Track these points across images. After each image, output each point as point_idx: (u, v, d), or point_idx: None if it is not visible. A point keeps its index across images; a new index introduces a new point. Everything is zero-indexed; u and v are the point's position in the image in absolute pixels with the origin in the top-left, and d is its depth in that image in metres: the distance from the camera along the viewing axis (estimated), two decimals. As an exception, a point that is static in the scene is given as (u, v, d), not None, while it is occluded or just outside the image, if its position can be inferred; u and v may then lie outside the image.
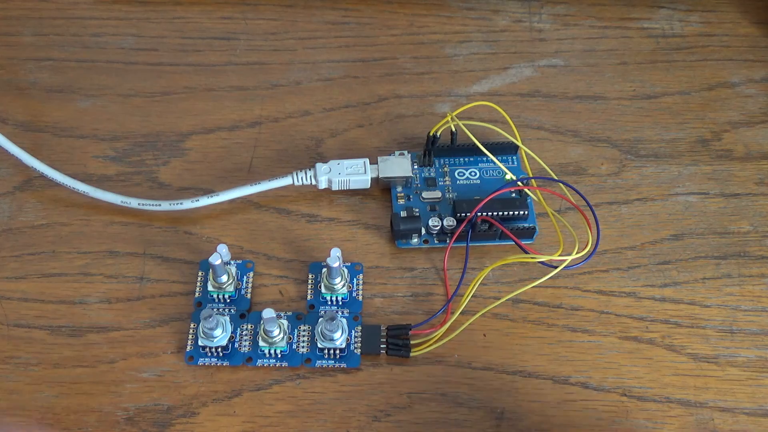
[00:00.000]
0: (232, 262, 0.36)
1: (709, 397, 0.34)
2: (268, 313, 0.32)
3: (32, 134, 0.41)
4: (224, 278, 0.35)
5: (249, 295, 0.36)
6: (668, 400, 0.34)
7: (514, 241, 0.36)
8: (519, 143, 0.38)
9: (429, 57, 0.45)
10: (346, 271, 0.36)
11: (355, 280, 0.36)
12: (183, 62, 0.44)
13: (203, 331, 0.33)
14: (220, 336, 0.34)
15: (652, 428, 0.33)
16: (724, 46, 0.46)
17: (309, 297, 0.36)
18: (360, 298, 0.36)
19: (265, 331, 0.33)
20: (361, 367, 0.34)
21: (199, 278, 0.36)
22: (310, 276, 0.36)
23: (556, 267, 0.35)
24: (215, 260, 0.34)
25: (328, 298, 0.35)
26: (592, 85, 0.44)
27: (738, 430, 0.33)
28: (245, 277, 0.36)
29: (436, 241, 0.38)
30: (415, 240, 0.38)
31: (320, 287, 0.35)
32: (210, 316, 0.33)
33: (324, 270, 0.35)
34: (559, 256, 0.35)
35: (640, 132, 0.42)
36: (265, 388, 0.34)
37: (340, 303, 0.35)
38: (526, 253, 0.36)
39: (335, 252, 0.34)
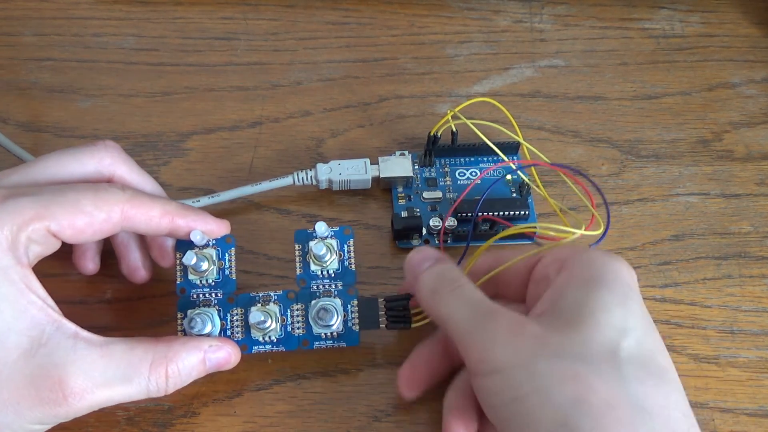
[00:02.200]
0: (211, 242, 0.33)
1: (709, 398, 0.34)
2: (255, 317, 0.31)
3: (33, 134, 0.41)
4: (204, 265, 0.33)
5: (234, 275, 0.33)
6: (669, 401, 0.34)
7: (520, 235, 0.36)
8: (521, 140, 0.38)
9: (429, 57, 0.45)
10: (334, 243, 0.33)
11: (345, 246, 0.33)
12: (183, 62, 0.44)
13: (190, 333, 0.32)
14: (210, 331, 0.32)
15: (653, 428, 0.33)
16: (724, 47, 0.46)
17: (298, 271, 0.33)
18: (353, 267, 0.33)
19: (256, 328, 0.32)
20: (361, 367, 0.34)
21: (178, 261, 0.34)
22: (296, 246, 0.33)
23: None
24: (190, 260, 0.32)
25: (319, 272, 0.33)
26: (593, 86, 0.44)
27: (738, 431, 0.33)
28: (227, 254, 0.33)
29: (436, 242, 0.38)
30: (415, 240, 0.38)
31: (308, 259, 0.33)
32: (192, 320, 0.31)
33: (311, 244, 0.33)
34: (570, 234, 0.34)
35: (640, 132, 0.42)
36: (266, 388, 0.34)
37: (332, 276, 0.33)
38: (533, 241, 0.36)
39: (321, 226, 0.32)
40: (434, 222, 0.37)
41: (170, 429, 0.32)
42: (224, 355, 0.31)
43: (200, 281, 0.33)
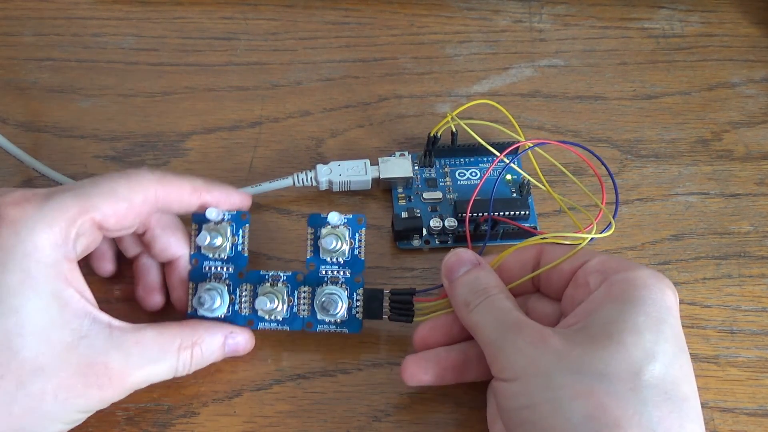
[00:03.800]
0: (226, 217, 0.34)
1: (709, 397, 0.34)
2: (261, 303, 0.32)
3: (33, 134, 0.41)
4: (218, 241, 0.33)
5: (246, 252, 0.34)
6: (668, 401, 0.34)
7: (526, 232, 0.36)
8: (522, 139, 0.38)
9: (429, 57, 0.45)
10: (346, 232, 0.33)
11: (357, 235, 0.34)
12: (183, 62, 0.44)
13: (200, 307, 0.33)
14: (219, 306, 0.33)
15: (653, 428, 0.33)
16: (724, 47, 0.46)
17: (309, 255, 0.34)
18: (362, 256, 0.34)
19: (262, 311, 0.33)
20: (361, 366, 0.34)
21: (192, 232, 0.34)
22: (309, 230, 0.34)
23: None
24: (203, 241, 0.32)
25: (328, 258, 0.33)
26: (593, 86, 0.44)
27: (738, 430, 0.33)
28: (241, 230, 0.34)
29: (437, 242, 0.38)
30: (416, 241, 0.38)
31: (320, 244, 0.33)
32: (200, 297, 0.32)
33: (322, 232, 0.33)
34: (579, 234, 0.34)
35: (640, 132, 0.42)
36: (265, 388, 0.34)
37: (341, 263, 0.34)
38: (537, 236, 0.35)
39: (334, 216, 0.33)
40: (434, 222, 0.37)
41: (170, 429, 0.32)
42: (241, 341, 0.33)
43: (213, 254, 0.34)
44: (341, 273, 0.34)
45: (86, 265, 0.35)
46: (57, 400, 0.28)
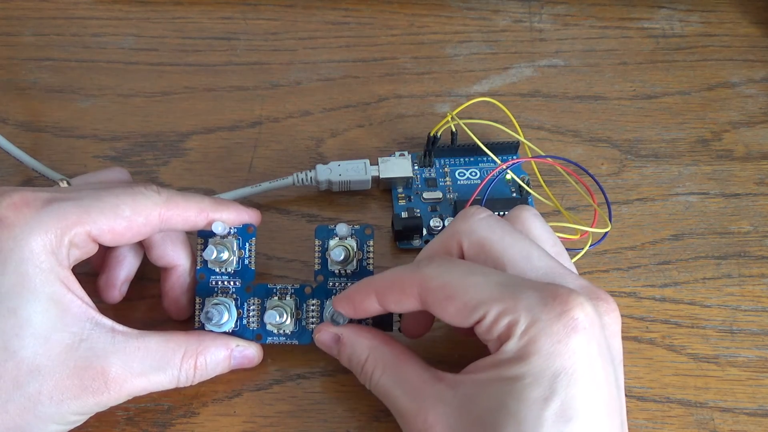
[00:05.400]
0: (232, 230, 0.33)
1: (709, 397, 0.34)
2: (270, 317, 0.32)
3: (32, 134, 0.41)
4: (225, 255, 0.33)
5: (253, 266, 0.33)
6: (668, 400, 0.34)
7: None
8: (522, 138, 0.38)
9: (429, 57, 0.45)
10: (354, 245, 0.33)
11: (365, 246, 0.33)
12: (183, 62, 0.44)
13: (208, 322, 0.32)
14: (227, 320, 0.33)
15: (653, 428, 0.33)
16: (724, 46, 0.46)
17: (316, 267, 0.33)
18: (371, 267, 0.33)
19: (271, 324, 0.33)
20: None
21: (199, 247, 0.34)
22: (316, 242, 0.33)
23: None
24: (210, 255, 0.32)
25: (337, 271, 0.33)
26: (593, 85, 0.44)
27: (738, 430, 0.33)
28: (247, 244, 0.33)
29: (436, 241, 0.38)
30: (416, 241, 0.38)
31: (327, 256, 0.33)
32: (208, 312, 0.32)
33: (331, 244, 0.33)
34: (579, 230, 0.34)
35: (640, 132, 0.42)
36: (265, 388, 0.34)
37: (350, 274, 0.33)
38: None
39: (342, 228, 0.32)
40: (435, 222, 0.37)
41: (170, 429, 0.32)
42: (249, 354, 0.33)
43: (220, 269, 0.33)
44: (350, 285, 0.33)
45: (88, 262, 0.35)
46: (52, 401, 0.28)
